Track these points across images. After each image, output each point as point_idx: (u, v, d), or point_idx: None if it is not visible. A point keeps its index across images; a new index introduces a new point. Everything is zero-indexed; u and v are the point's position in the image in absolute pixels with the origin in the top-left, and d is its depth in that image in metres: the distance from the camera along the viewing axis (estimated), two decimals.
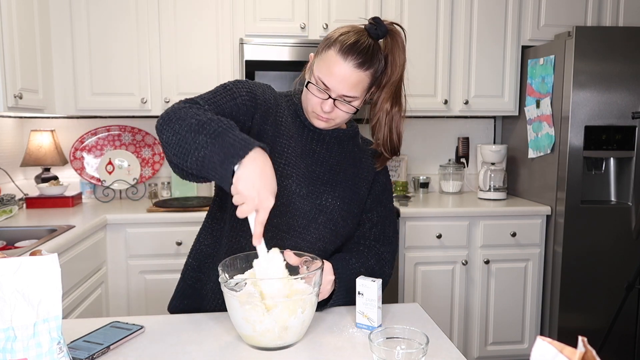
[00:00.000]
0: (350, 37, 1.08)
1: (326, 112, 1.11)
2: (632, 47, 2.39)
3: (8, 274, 0.68)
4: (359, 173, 1.24)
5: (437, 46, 2.77)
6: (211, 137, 0.92)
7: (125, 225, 2.36)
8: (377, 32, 1.10)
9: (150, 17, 2.57)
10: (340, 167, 1.21)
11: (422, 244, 2.54)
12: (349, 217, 1.21)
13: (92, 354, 0.90)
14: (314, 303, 0.97)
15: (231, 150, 0.90)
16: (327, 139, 1.20)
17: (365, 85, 1.10)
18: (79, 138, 2.85)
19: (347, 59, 1.06)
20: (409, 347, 0.85)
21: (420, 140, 3.16)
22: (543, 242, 2.62)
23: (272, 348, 0.95)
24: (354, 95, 1.09)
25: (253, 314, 0.91)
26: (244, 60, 2.53)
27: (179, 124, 0.96)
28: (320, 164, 1.19)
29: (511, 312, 2.65)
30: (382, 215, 1.26)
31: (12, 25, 2.08)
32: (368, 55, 1.07)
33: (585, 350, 0.45)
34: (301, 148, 1.17)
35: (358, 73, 1.07)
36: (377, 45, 1.10)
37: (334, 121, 1.14)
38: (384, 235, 1.26)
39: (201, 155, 0.92)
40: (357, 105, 1.12)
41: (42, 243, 1.80)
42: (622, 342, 2.50)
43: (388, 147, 1.19)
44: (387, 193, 1.29)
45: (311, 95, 1.12)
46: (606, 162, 2.59)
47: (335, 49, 1.07)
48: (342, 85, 1.08)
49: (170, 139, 0.96)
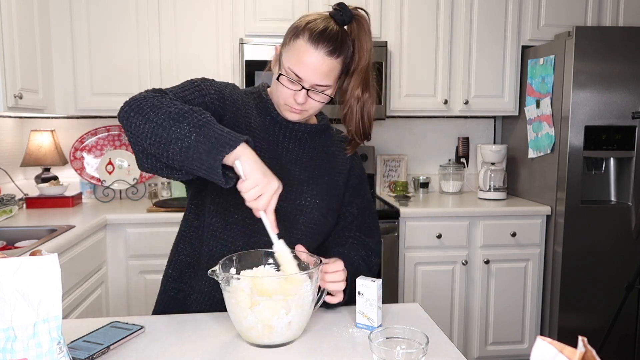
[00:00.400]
0: (318, 24, 1.06)
1: (300, 104, 1.09)
2: (632, 47, 2.39)
3: (8, 274, 0.68)
4: (335, 167, 1.23)
5: (437, 46, 2.77)
6: (195, 127, 0.90)
7: (125, 225, 2.36)
8: (343, 18, 1.08)
9: (150, 17, 2.57)
10: (316, 164, 1.20)
11: (422, 244, 2.54)
12: (329, 214, 1.20)
13: (92, 354, 0.90)
14: (302, 305, 0.95)
15: (220, 140, 0.89)
16: (299, 135, 1.18)
17: (337, 73, 1.09)
18: (79, 138, 2.85)
19: (318, 47, 1.04)
20: (409, 347, 0.85)
21: (420, 140, 3.16)
22: (543, 242, 2.62)
23: (262, 345, 0.95)
24: (326, 83, 1.08)
25: (237, 309, 0.93)
26: (244, 60, 2.53)
27: (154, 112, 0.93)
28: (295, 162, 1.17)
29: (511, 312, 2.65)
30: (361, 207, 1.26)
31: (12, 25, 2.08)
32: (338, 42, 1.05)
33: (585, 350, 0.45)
34: (274, 148, 1.15)
35: (330, 61, 1.05)
36: (345, 32, 1.08)
37: (307, 112, 1.13)
38: (366, 225, 1.26)
39: (185, 145, 0.89)
40: (330, 94, 1.11)
41: (42, 243, 1.80)
42: (622, 342, 2.50)
43: (360, 133, 1.17)
44: (363, 184, 1.29)
45: (282, 88, 1.09)
46: (606, 162, 2.59)
47: (304, 38, 1.05)
48: (314, 75, 1.06)
49: (144, 128, 0.92)
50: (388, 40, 2.70)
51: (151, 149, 0.94)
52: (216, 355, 0.93)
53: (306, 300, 0.96)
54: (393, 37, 2.72)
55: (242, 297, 0.92)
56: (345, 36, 1.08)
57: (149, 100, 0.95)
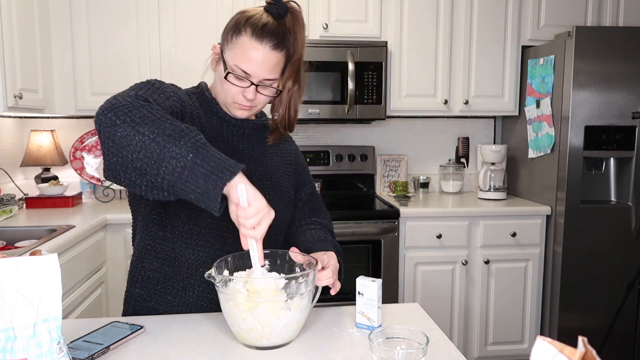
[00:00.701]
0: (259, 19, 1.06)
1: (249, 100, 1.09)
2: (632, 47, 2.39)
3: (8, 274, 0.68)
4: (283, 158, 1.26)
5: (437, 46, 2.77)
6: (193, 147, 0.84)
7: (125, 225, 2.36)
8: (279, 12, 1.07)
9: (150, 17, 2.57)
10: (266, 159, 1.22)
11: (422, 244, 2.54)
12: (289, 204, 1.24)
13: (92, 354, 0.90)
14: (300, 305, 0.95)
15: (220, 165, 0.84)
16: (246, 132, 1.19)
17: (282, 66, 1.10)
18: (79, 138, 2.85)
19: (263, 42, 1.05)
20: (409, 347, 0.85)
21: (420, 140, 3.16)
22: (543, 242, 2.62)
23: (260, 347, 0.95)
24: (274, 77, 1.09)
25: (236, 312, 0.92)
26: None
27: (146, 125, 0.85)
28: (249, 160, 1.18)
29: (511, 312, 2.64)
30: (309, 192, 1.32)
31: (12, 25, 2.08)
32: (281, 36, 1.06)
33: (585, 350, 0.45)
34: (227, 147, 1.15)
35: (275, 54, 1.06)
36: (283, 24, 1.08)
37: (256, 107, 1.14)
38: (317, 207, 1.31)
39: (180, 165, 0.83)
40: (278, 87, 1.12)
41: (42, 243, 1.80)
42: (622, 342, 2.50)
43: (285, 124, 1.19)
44: (305, 169, 1.33)
45: (230, 86, 1.09)
46: (606, 162, 2.59)
47: (247, 34, 1.05)
48: (262, 69, 1.06)
49: (132, 140, 0.85)
50: (388, 40, 2.70)
51: (137, 164, 0.85)
52: (216, 356, 0.93)
53: (305, 301, 0.96)
54: (393, 37, 2.72)
55: (240, 298, 0.92)
56: (285, 29, 1.08)
57: (137, 109, 0.88)
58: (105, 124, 0.87)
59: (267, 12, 1.08)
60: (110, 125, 0.86)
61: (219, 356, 0.93)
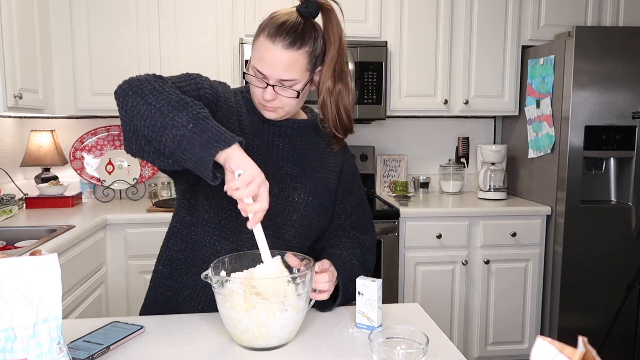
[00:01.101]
0: (278, 19, 1.05)
1: (269, 101, 1.07)
2: (632, 47, 2.39)
3: (8, 274, 0.68)
4: (326, 164, 1.22)
5: (437, 46, 2.77)
6: (193, 118, 0.90)
7: (125, 225, 2.36)
8: (309, 10, 1.06)
9: (150, 17, 2.57)
10: (307, 160, 1.19)
11: (422, 244, 2.54)
12: (322, 211, 1.19)
13: (92, 354, 0.90)
14: (297, 306, 0.95)
15: (216, 136, 0.89)
16: (288, 132, 1.17)
17: (302, 66, 1.06)
18: (79, 138, 2.85)
19: (276, 41, 1.02)
20: (409, 347, 0.85)
21: (420, 140, 3.16)
22: (543, 242, 2.62)
23: (257, 348, 0.95)
24: (291, 77, 1.05)
25: (232, 312, 0.92)
26: (244, 60, 2.53)
27: (154, 96, 0.93)
28: (287, 159, 1.16)
29: (511, 312, 2.64)
30: (355, 204, 1.25)
31: (12, 25, 2.08)
32: (298, 34, 1.03)
33: (585, 350, 0.45)
34: (265, 145, 1.15)
35: (289, 53, 1.03)
36: (309, 23, 1.06)
37: (282, 109, 1.10)
38: (360, 223, 1.25)
39: (180, 134, 0.89)
40: (299, 89, 1.07)
41: (42, 243, 1.80)
42: (622, 342, 2.50)
43: (339, 127, 1.15)
44: (355, 180, 1.27)
45: (252, 87, 1.09)
46: (606, 162, 2.59)
47: (264, 34, 1.04)
48: (275, 69, 1.04)
49: (140, 109, 0.93)
50: (388, 40, 2.70)
51: (144, 131, 0.93)
52: (216, 356, 0.93)
53: (302, 302, 0.96)
54: (393, 37, 2.72)
55: (237, 299, 0.91)
56: (309, 27, 1.05)
57: (150, 83, 0.96)
58: (120, 94, 0.97)
59: (298, 12, 1.06)
60: (123, 95, 0.96)
61: (218, 356, 0.93)
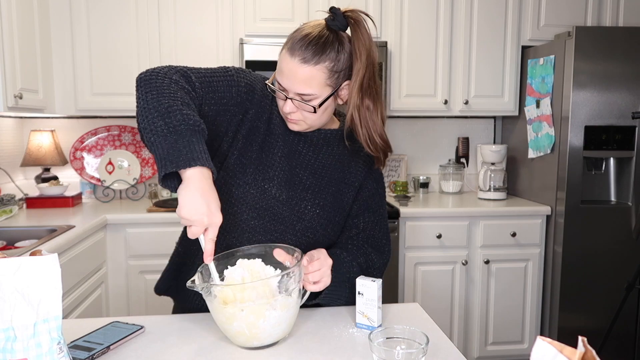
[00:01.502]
0: (301, 32, 1.03)
1: (288, 113, 1.06)
2: (632, 47, 2.39)
3: (8, 274, 0.68)
4: (345, 178, 1.18)
5: (437, 46, 2.77)
6: (168, 129, 0.91)
7: (125, 225, 2.36)
8: (336, 24, 1.04)
9: (150, 17, 2.57)
10: (326, 172, 1.16)
11: (422, 244, 2.54)
12: (329, 226, 1.16)
13: (92, 354, 0.90)
14: (287, 304, 0.93)
15: (174, 155, 0.89)
16: (314, 140, 1.15)
17: (320, 81, 1.02)
18: (79, 138, 2.85)
19: (294, 55, 1.01)
20: (409, 347, 0.85)
21: (420, 140, 3.16)
22: (543, 242, 2.62)
23: (253, 347, 0.95)
24: (308, 92, 1.02)
25: (221, 317, 0.92)
26: (244, 60, 2.53)
27: (152, 94, 0.96)
28: (305, 167, 1.14)
29: (511, 312, 2.64)
30: (369, 222, 1.20)
31: (12, 25, 2.08)
32: (318, 48, 1.00)
33: (585, 350, 0.45)
34: (288, 148, 1.14)
35: (306, 68, 1.01)
36: (333, 37, 1.03)
37: (304, 122, 1.08)
38: (374, 240, 1.20)
39: (152, 140, 0.91)
40: (316, 104, 1.04)
41: (42, 243, 1.80)
42: (622, 342, 2.50)
43: (371, 146, 1.10)
44: (377, 198, 1.22)
45: (277, 99, 1.10)
46: (606, 162, 2.59)
47: (286, 47, 1.03)
48: (292, 83, 1.02)
49: (140, 102, 0.97)
50: (388, 40, 2.70)
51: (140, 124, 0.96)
52: (216, 356, 0.93)
53: (291, 299, 0.95)
54: (393, 37, 2.72)
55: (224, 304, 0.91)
56: (333, 41, 1.03)
57: (160, 78, 0.99)
58: (138, 82, 1.01)
59: (326, 25, 1.04)
60: (136, 85, 1.01)
61: (218, 356, 0.93)
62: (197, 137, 0.92)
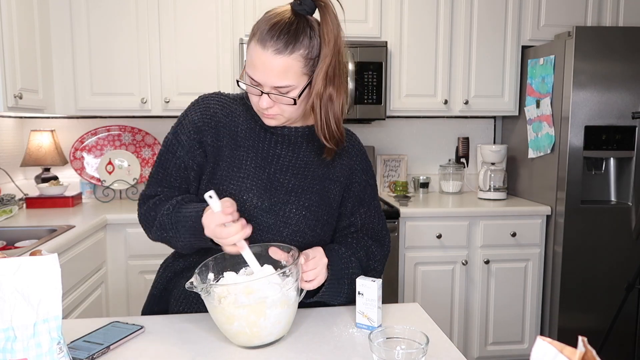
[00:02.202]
0: (269, 20, 0.98)
1: (266, 109, 1.01)
2: (632, 47, 2.39)
3: (8, 274, 0.68)
4: (330, 174, 1.14)
5: (437, 46, 2.77)
6: (175, 230, 1.06)
7: (125, 225, 2.36)
8: (303, 8, 0.98)
9: (150, 17, 2.57)
10: (308, 170, 1.12)
11: (422, 244, 2.54)
12: (317, 226, 1.12)
13: (92, 354, 0.90)
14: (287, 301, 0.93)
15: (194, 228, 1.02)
16: (292, 140, 1.11)
17: (297, 70, 0.97)
18: (79, 138, 2.85)
19: (266, 47, 0.95)
20: (409, 347, 0.85)
21: (420, 140, 3.16)
22: (543, 242, 2.62)
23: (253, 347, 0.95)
24: (286, 84, 0.98)
25: (222, 317, 0.92)
26: (244, 60, 2.53)
27: (152, 234, 1.14)
28: (285, 170, 1.10)
29: (511, 312, 2.64)
30: (366, 216, 1.18)
31: (12, 25, 2.08)
32: (290, 36, 0.95)
33: (585, 350, 0.45)
34: (262, 156, 1.10)
35: (281, 59, 0.95)
36: (303, 22, 0.98)
37: (282, 116, 1.04)
38: (374, 232, 1.19)
39: (182, 244, 1.07)
40: (295, 95, 0.99)
41: (42, 243, 1.80)
42: (622, 342, 2.50)
43: (327, 136, 1.05)
44: (369, 190, 1.19)
45: (250, 95, 1.04)
46: (606, 162, 2.59)
47: (255, 39, 0.98)
48: (268, 77, 0.97)
49: (158, 239, 1.13)
50: (388, 40, 2.70)
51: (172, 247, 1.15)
52: (217, 356, 0.93)
53: (291, 295, 0.95)
54: (393, 37, 2.72)
55: (225, 304, 0.91)
56: (304, 27, 0.97)
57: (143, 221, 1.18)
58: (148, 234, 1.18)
59: (292, 11, 0.99)
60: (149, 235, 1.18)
61: (219, 356, 0.93)
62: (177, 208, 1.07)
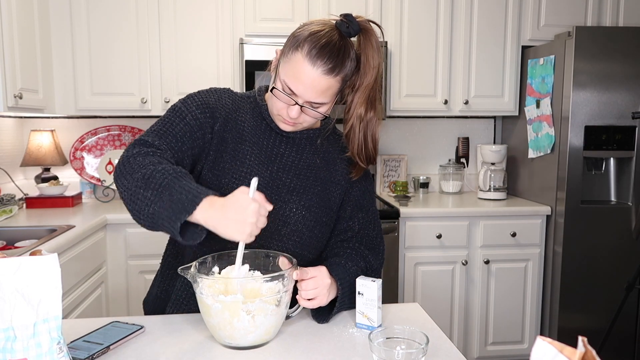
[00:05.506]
0: (320, 38, 0.98)
1: (292, 118, 1.04)
2: (632, 47, 2.39)
3: (8, 274, 0.68)
4: (332, 176, 1.16)
5: (437, 46, 2.77)
6: (157, 192, 0.89)
7: (125, 225, 2.36)
8: (349, 31, 1.01)
9: (150, 17, 2.57)
10: (311, 171, 1.14)
11: (422, 244, 2.54)
12: (316, 227, 1.13)
13: (92, 354, 0.90)
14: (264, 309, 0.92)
15: (179, 205, 0.87)
16: (297, 141, 1.14)
17: (334, 91, 1.03)
18: (79, 138, 2.85)
19: (316, 65, 0.97)
20: (409, 347, 0.85)
21: (420, 140, 3.16)
22: (543, 242, 2.62)
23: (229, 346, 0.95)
24: (322, 101, 1.02)
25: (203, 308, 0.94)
26: (244, 60, 2.53)
27: (127, 179, 0.93)
28: (288, 169, 1.12)
29: (511, 312, 2.64)
30: (364, 222, 1.19)
31: (12, 25, 2.08)
32: (339, 59, 0.99)
33: (585, 350, 0.45)
34: (266, 154, 1.11)
35: (327, 79, 0.99)
36: (348, 45, 1.02)
37: (301, 125, 1.08)
38: (369, 240, 1.19)
39: (151, 212, 0.90)
40: (324, 112, 1.04)
41: (42, 243, 1.80)
42: (622, 342, 2.50)
43: (363, 156, 1.10)
44: (367, 196, 1.21)
45: (276, 100, 1.04)
46: (606, 162, 2.59)
47: (303, 52, 0.98)
48: (309, 92, 1.00)
49: (123, 195, 0.95)
50: (388, 41, 2.70)
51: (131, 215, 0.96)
52: (216, 355, 0.93)
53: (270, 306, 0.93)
54: (393, 37, 2.72)
55: (205, 295, 0.93)
56: (348, 50, 1.01)
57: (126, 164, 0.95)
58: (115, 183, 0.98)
59: (336, 30, 1.01)
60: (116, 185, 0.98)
61: (219, 356, 0.93)
62: (184, 178, 0.91)
